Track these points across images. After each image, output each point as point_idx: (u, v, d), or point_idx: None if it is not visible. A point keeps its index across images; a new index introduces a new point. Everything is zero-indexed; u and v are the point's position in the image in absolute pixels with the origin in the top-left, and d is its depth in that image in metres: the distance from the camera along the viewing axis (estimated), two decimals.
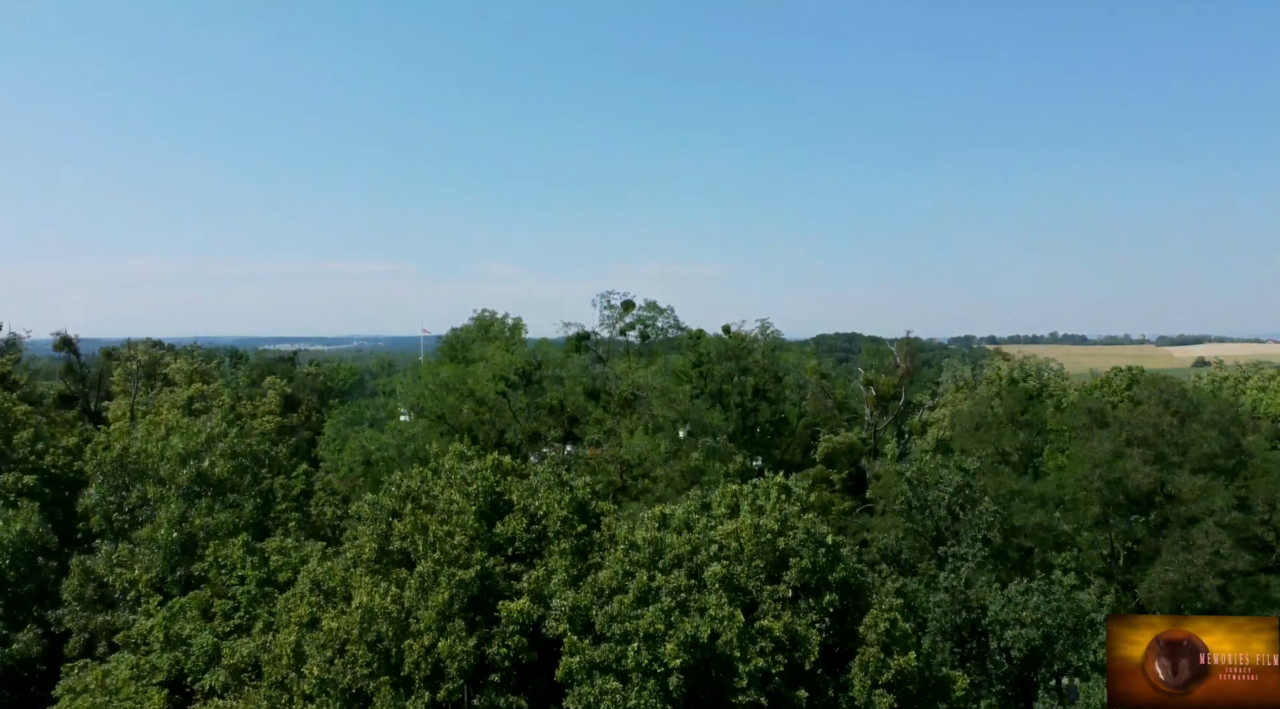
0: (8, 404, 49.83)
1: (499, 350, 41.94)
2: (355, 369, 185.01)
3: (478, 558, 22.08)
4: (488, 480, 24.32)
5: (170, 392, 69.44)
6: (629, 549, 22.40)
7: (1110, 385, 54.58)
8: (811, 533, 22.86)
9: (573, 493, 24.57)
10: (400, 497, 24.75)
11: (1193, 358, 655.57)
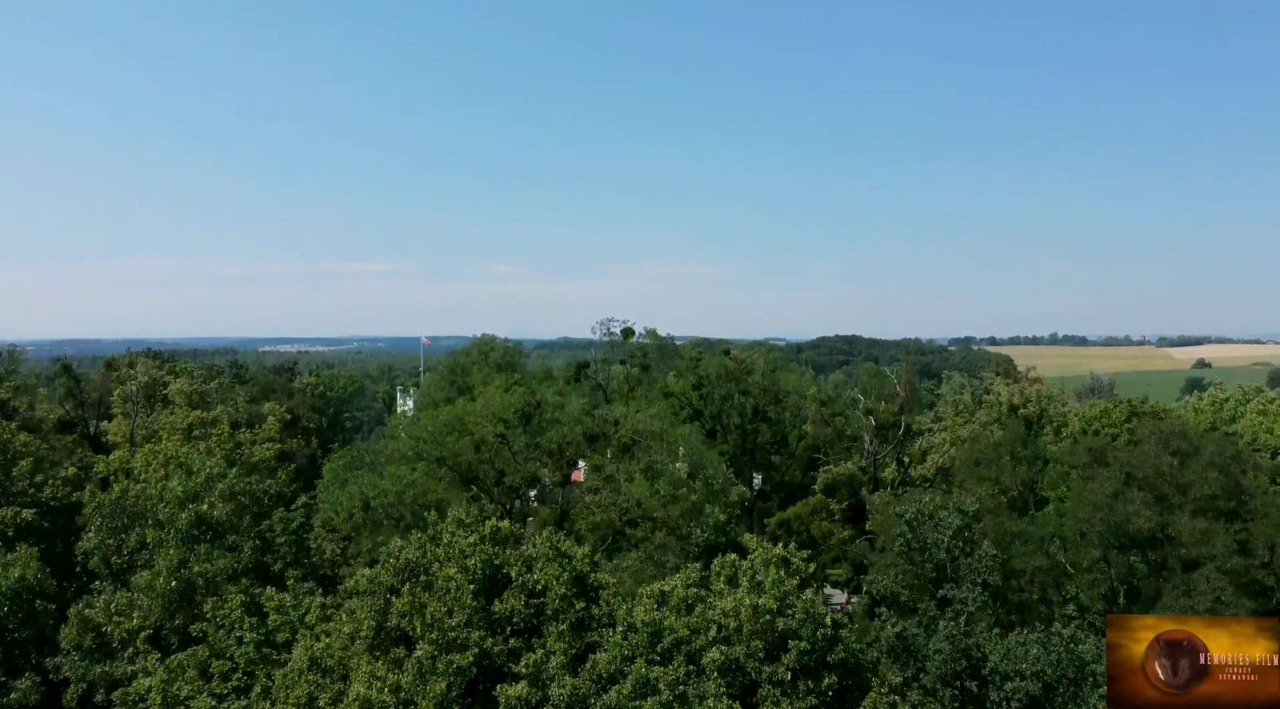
0: (6, 435, 49.76)
1: (498, 391, 41.83)
2: (355, 377, 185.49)
3: (476, 639, 22.02)
4: (486, 554, 24.25)
5: (170, 413, 69.44)
6: (628, 631, 22.35)
7: (1109, 417, 54.46)
8: (811, 613, 22.80)
9: (571, 565, 24.51)
10: (399, 569, 24.68)
11: (1193, 359, 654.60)
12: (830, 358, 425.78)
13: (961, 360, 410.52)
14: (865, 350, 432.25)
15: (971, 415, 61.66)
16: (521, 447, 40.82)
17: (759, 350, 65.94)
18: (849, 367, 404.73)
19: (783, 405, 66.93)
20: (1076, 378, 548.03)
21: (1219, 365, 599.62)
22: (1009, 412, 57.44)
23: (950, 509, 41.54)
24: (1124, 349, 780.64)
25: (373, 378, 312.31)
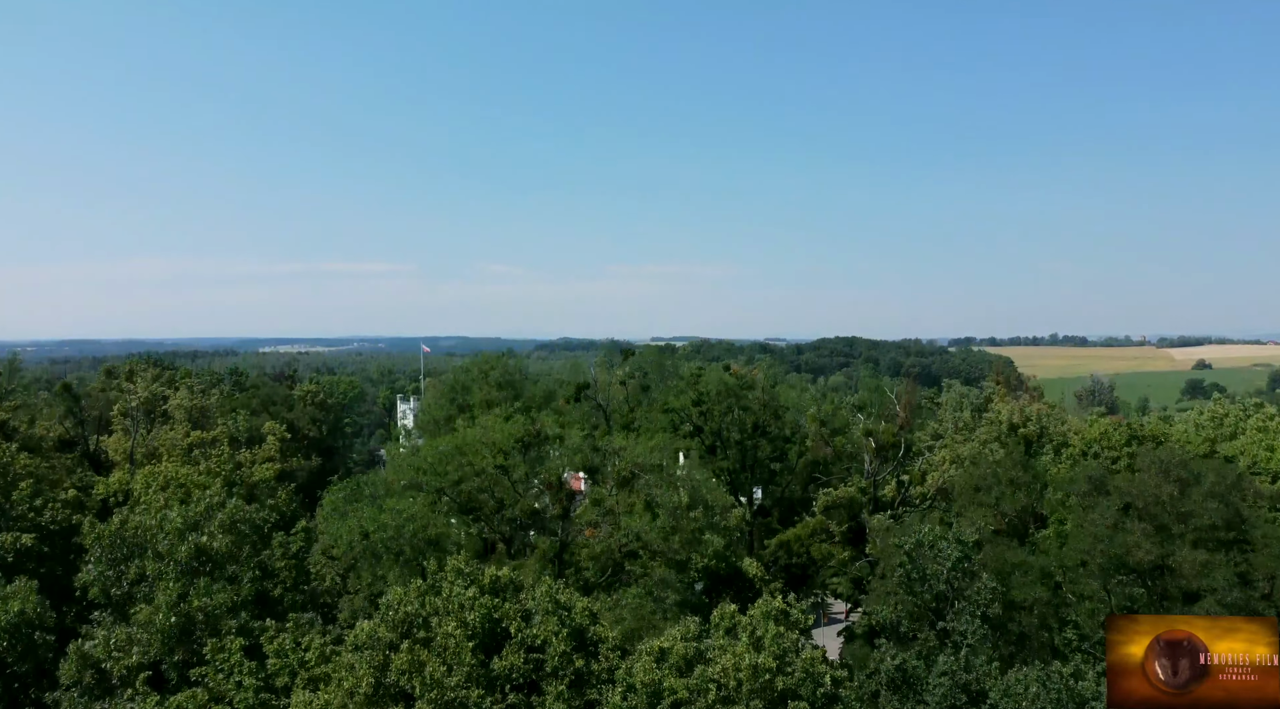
0: (6, 458, 49.75)
1: (497, 421, 41.81)
2: (354, 382, 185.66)
3: (475, 698, 22.01)
4: (485, 607, 24.23)
5: (170, 428, 69.41)
6: (627, 691, 22.34)
7: (1109, 439, 54.42)
8: (810, 672, 22.79)
9: (571, 619, 24.48)
10: (398, 622, 24.66)
11: (1193, 360, 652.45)
12: (830, 360, 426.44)
13: (962, 363, 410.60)
14: (865, 352, 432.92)
15: (971, 433, 61.65)
16: (521, 476, 40.80)
17: (759, 365, 65.94)
18: (849, 369, 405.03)
19: (782, 421, 66.99)
20: (1077, 379, 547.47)
21: (1219, 366, 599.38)
22: (1009, 430, 57.43)
23: (950, 540, 41.56)
24: (1124, 349, 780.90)
25: (373, 380, 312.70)
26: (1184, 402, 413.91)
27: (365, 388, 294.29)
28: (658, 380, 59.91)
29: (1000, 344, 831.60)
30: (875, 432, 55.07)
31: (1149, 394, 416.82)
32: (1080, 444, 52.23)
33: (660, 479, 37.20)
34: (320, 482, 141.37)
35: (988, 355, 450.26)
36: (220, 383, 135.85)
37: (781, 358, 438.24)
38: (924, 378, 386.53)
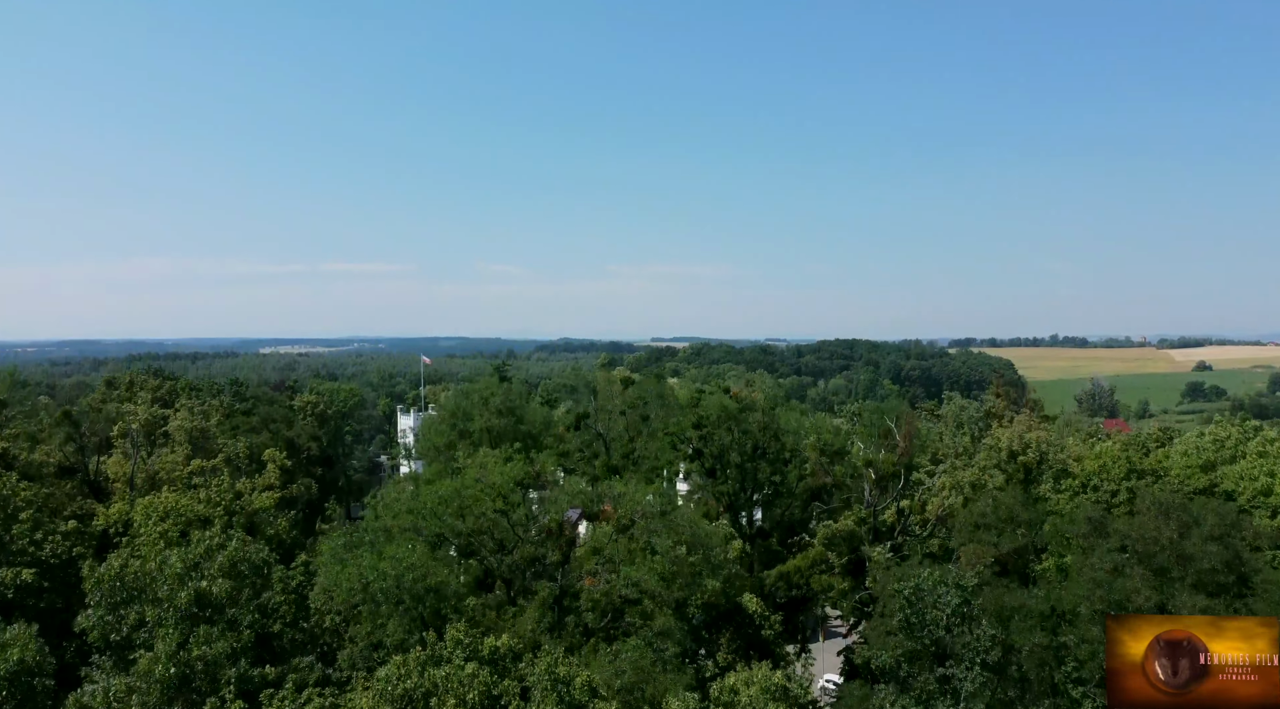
0: (7, 491, 49.73)
1: (497, 463, 41.78)
2: (355, 389, 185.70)
3: None
4: (484, 683, 24.23)
5: (171, 451, 69.38)
6: None
7: (1108, 472, 54.34)
8: None
9: (570, 696, 24.48)
10: (397, 698, 24.66)
11: (1194, 361, 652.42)
12: (831, 363, 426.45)
13: (962, 365, 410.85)
14: (865, 355, 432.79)
15: (971, 458, 61.69)
16: (521, 517, 40.82)
17: (758, 387, 65.94)
18: (849, 372, 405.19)
19: (782, 443, 67.18)
20: (1077, 380, 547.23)
21: (1220, 368, 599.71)
22: (1008, 457, 57.45)
23: (949, 584, 41.56)
24: (1125, 351, 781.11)
25: (373, 385, 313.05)
26: (1184, 403, 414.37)
27: (366, 393, 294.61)
28: (658, 409, 59.93)
29: (1000, 345, 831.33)
30: (875, 461, 55.11)
31: (1149, 397, 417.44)
32: (1080, 476, 52.18)
33: (660, 524, 37.19)
34: (323, 493, 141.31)
35: (988, 358, 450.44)
36: (220, 393, 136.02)
37: (782, 359, 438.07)
38: (924, 380, 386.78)
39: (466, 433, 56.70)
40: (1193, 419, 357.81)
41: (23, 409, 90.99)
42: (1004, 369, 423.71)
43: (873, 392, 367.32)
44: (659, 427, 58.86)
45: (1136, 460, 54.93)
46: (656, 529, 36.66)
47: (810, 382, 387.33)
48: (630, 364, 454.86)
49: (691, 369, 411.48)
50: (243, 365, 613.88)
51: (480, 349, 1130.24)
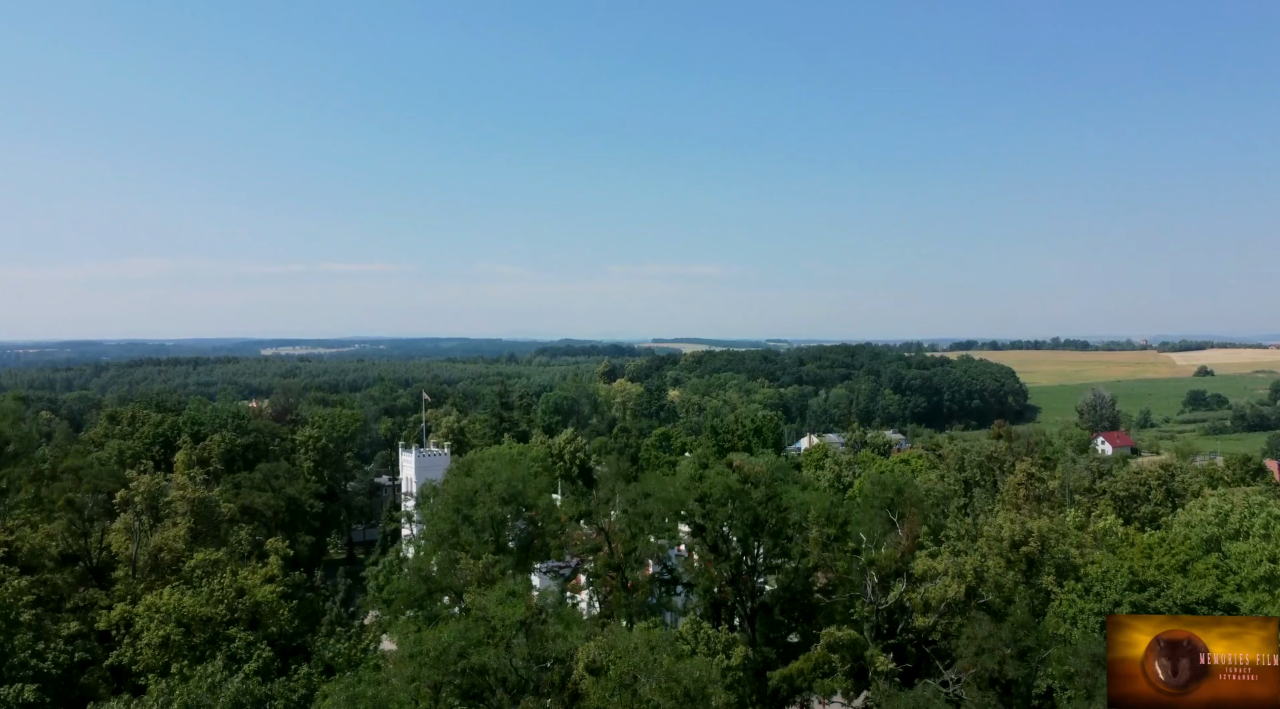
0: (10, 597, 49.74)
1: (495, 599, 41.68)
2: (357, 415, 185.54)
3: None
4: None
5: (174, 524, 69.21)
6: None
7: (1111, 581, 53.45)
8: None
9: None
10: None
11: (1195, 366, 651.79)
12: (832, 371, 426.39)
13: (963, 374, 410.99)
14: (867, 363, 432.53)
15: (972, 542, 61.63)
16: (522, 659, 40.60)
17: (762, 462, 66.06)
18: (850, 381, 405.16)
19: (784, 518, 67.26)
20: (1078, 386, 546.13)
21: (1221, 372, 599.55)
22: (1011, 547, 57.40)
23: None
24: (1125, 354, 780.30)
25: (375, 399, 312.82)
26: (1185, 413, 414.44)
27: (368, 406, 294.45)
28: (660, 505, 59.87)
29: (1001, 348, 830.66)
30: (878, 560, 55.12)
31: (1150, 405, 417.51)
32: (1084, 581, 51.90)
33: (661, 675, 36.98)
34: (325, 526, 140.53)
35: (989, 365, 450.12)
36: (223, 427, 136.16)
37: (783, 368, 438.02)
38: (925, 390, 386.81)
39: (469, 518, 56.71)
40: (1194, 430, 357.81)
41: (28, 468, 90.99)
42: (1005, 377, 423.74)
43: (874, 401, 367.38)
44: (659, 523, 58.74)
45: (1139, 567, 54.56)
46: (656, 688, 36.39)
47: (812, 391, 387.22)
48: (631, 372, 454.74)
49: (693, 378, 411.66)
50: (244, 371, 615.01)
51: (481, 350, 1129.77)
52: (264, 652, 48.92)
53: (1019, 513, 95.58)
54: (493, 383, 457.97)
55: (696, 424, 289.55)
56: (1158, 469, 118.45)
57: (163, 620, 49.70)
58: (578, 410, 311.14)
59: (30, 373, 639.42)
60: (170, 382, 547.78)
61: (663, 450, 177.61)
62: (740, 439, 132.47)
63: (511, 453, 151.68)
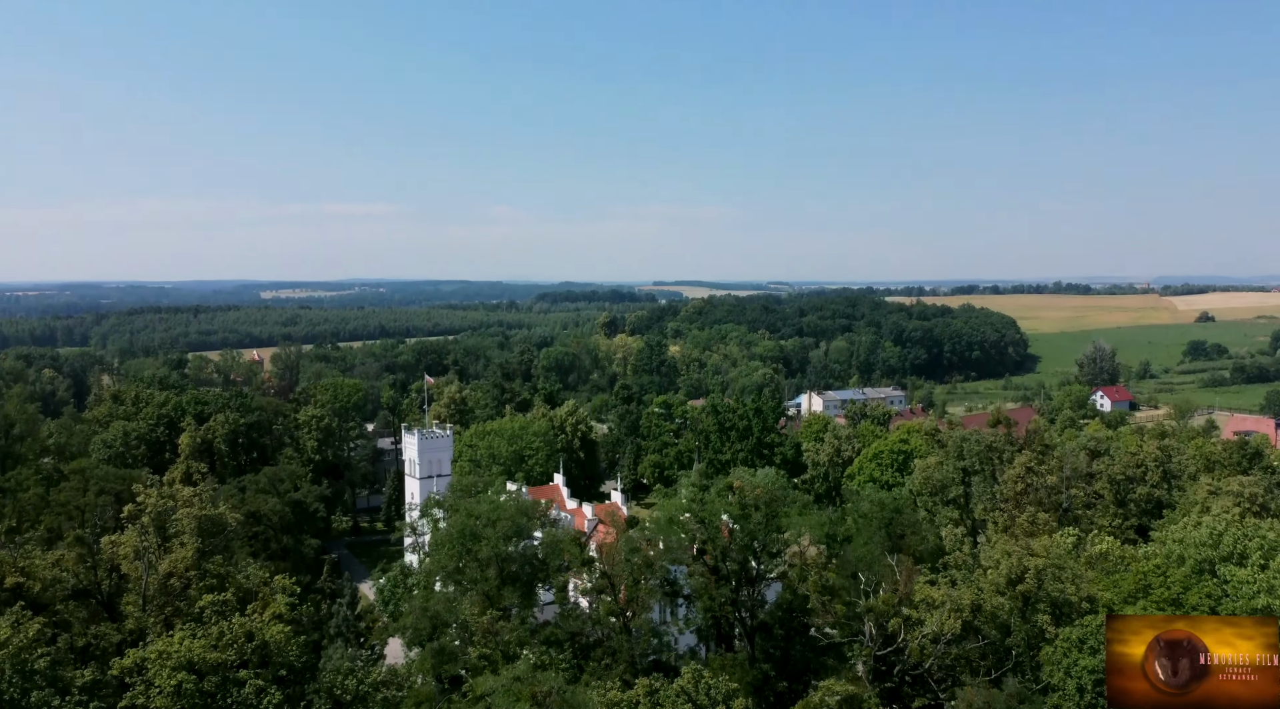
0: (23, 643, 50.46)
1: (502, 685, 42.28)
2: (358, 385, 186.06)
3: None
4: None
5: (182, 545, 70.00)
6: None
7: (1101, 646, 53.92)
8: None
9: None
10: None
11: (1196, 311, 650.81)
12: (833, 322, 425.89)
13: (964, 325, 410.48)
14: (868, 314, 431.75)
15: (969, 574, 62.32)
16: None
17: (763, 484, 66.64)
18: (851, 333, 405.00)
19: (782, 538, 68.29)
20: (1080, 334, 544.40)
21: (1222, 318, 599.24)
22: (1008, 584, 58.09)
23: None
24: (1127, 299, 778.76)
25: (375, 355, 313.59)
26: (1185, 363, 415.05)
27: (369, 363, 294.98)
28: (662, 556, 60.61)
29: (1003, 292, 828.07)
30: (875, 607, 55.96)
31: (1151, 355, 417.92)
32: (1076, 629, 52.39)
33: None
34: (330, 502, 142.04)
35: (990, 315, 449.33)
36: (226, 407, 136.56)
37: (784, 319, 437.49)
38: (926, 342, 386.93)
39: (473, 553, 57.40)
40: (1193, 383, 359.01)
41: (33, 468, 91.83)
42: (1006, 328, 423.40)
43: (874, 354, 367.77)
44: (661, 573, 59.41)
45: (1133, 596, 55.27)
46: None
47: (812, 343, 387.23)
48: (631, 324, 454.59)
49: (693, 330, 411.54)
50: (244, 319, 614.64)
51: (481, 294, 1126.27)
52: (274, 698, 49.98)
53: (1016, 508, 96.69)
54: (494, 334, 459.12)
55: (697, 382, 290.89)
56: (1155, 451, 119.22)
57: (175, 668, 50.59)
58: (578, 366, 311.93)
59: (31, 322, 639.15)
60: (171, 330, 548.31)
61: (664, 419, 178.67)
62: (741, 419, 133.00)
63: (513, 427, 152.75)
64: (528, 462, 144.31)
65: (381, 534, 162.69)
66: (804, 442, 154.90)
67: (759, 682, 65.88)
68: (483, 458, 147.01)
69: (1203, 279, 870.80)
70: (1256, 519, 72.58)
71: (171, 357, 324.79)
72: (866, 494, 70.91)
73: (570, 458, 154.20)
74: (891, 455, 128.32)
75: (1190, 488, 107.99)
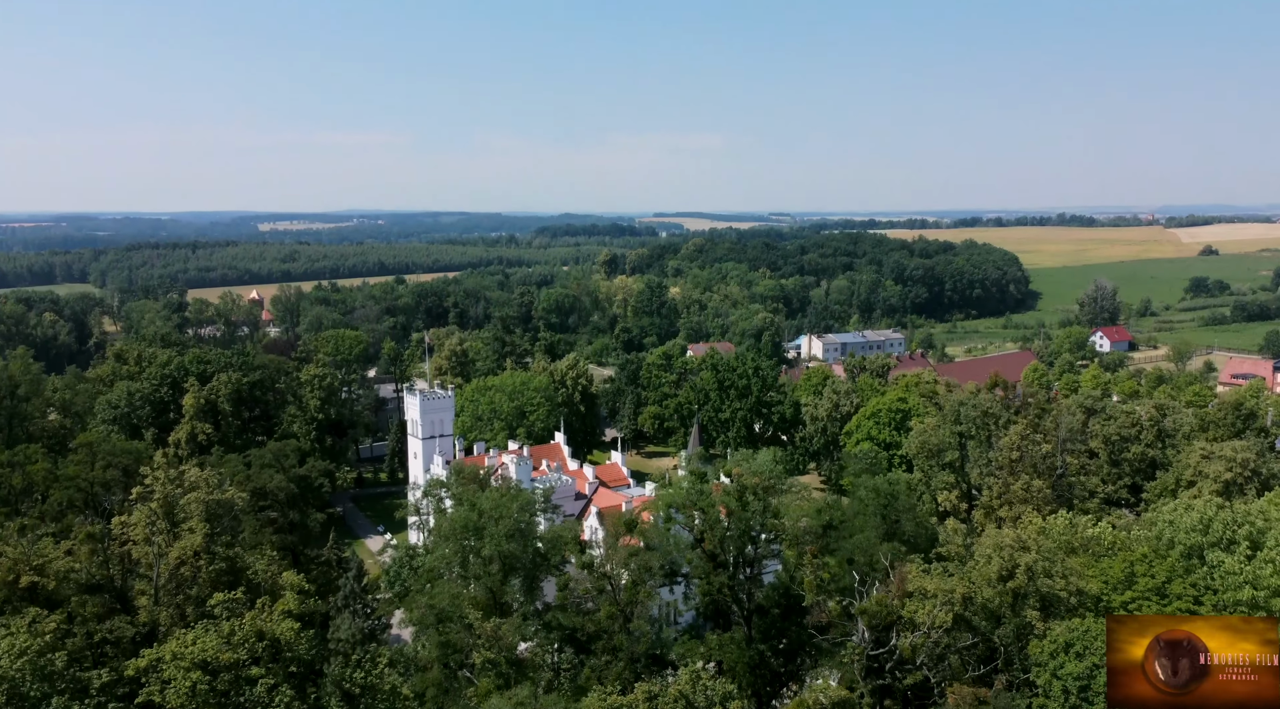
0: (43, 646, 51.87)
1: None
2: (360, 337, 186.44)
3: None
4: None
5: (191, 530, 71.13)
6: None
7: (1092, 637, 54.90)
8: None
9: None
10: None
11: (1200, 244, 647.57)
12: (835, 259, 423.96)
13: (966, 263, 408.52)
14: (869, 251, 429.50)
15: (963, 565, 63.54)
16: None
17: (761, 473, 67.78)
18: (852, 271, 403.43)
19: (780, 523, 69.60)
20: (1083, 269, 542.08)
21: (1226, 251, 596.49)
22: (999, 579, 59.31)
23: None
24: (1131, 231, 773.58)
25: (375, 298, 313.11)
26: (1186, 300, 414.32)
27: (368, 306, 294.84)
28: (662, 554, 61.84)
29: (1007, 224, 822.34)
30: (869, 609, 57.36)
31: (1152, 292, 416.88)
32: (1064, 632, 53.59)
33: None
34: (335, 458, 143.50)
35: (992, 253, 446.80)
36: (229, 368, 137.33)
37: (785, 257, 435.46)
38: (928, 280, 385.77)
39: (476, 551, 58.76)
40: (1193, 321, 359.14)
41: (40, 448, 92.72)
42: (1007, 265, 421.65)
43: (875, 293, 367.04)
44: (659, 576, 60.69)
45: (1119, 581, 56.68)
46: None
47: (813, 281, 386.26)
48: (632, 263, 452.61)
49: (694, 268, 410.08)
50: (243, 255, 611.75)
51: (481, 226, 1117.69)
52: (285, 696, 51.72)
53: (1010, 475, 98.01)
54: (493, 273, 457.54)
55: (698, 324, 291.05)
56: (1151, 410, 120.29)
57: (189, 668, 52.17)
58: (579, 308, 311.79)
59: (29, 257, 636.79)
60: (170, 267, 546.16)
61: (664, 370, 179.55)
62: (740, 379, 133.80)
63: (514, 383, 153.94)
64: (529, 417, 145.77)
65: (385, 486, 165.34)
66: (802, 396, 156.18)
67: (755, 661, 67.96)
68: (484, 413, 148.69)
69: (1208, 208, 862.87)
70: (1244, 503, 73.81)
71: (172, 299, 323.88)
72: (863, 481, 71.78)
73: (571, 412, 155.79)
74: (890, 414, 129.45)
75: (1184, 449, 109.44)
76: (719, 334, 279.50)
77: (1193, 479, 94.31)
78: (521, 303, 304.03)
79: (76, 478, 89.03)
